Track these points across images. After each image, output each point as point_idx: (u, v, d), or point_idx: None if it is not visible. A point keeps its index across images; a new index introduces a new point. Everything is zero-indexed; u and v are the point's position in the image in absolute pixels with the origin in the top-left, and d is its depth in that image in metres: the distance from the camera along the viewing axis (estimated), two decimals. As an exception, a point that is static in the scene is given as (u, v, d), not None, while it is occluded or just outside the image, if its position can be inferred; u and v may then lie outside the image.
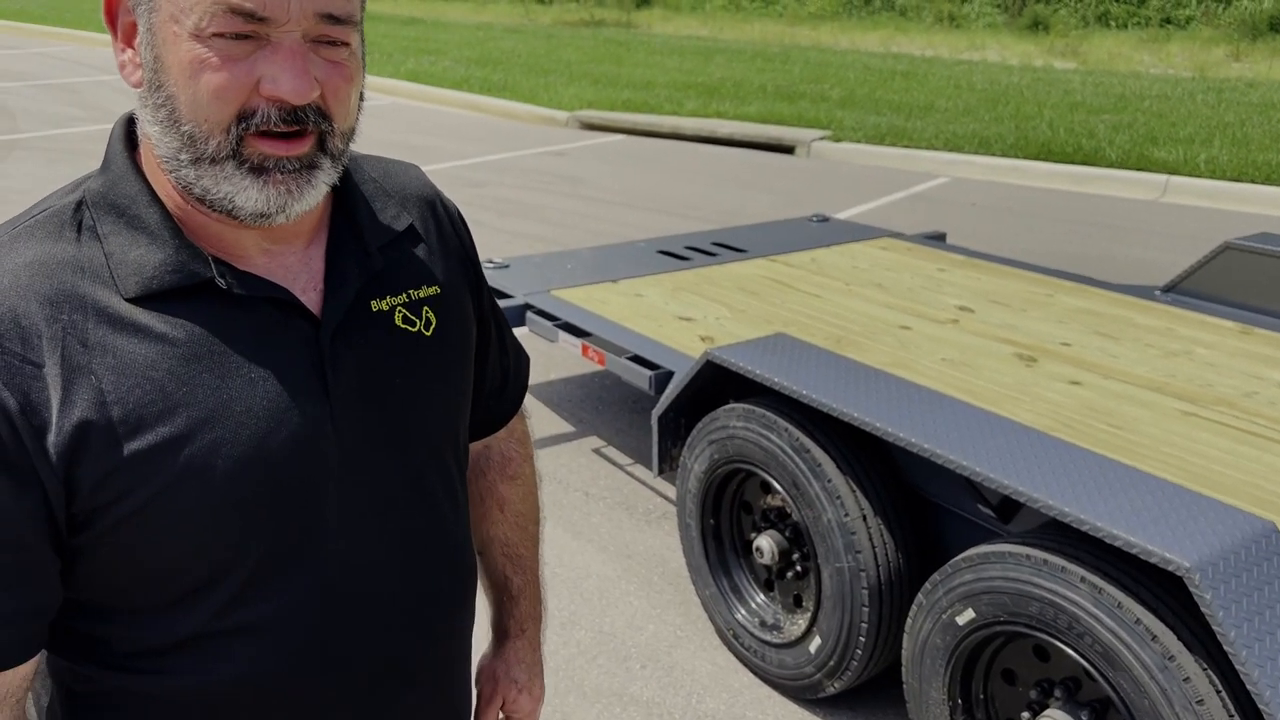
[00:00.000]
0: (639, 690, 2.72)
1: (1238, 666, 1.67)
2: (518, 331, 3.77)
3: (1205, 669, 1.75)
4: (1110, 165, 8.75)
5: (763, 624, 2.73)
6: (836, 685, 2.51)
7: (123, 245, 0.86)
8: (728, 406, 2.71)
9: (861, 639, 2.40)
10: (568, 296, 3.87)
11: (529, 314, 3.80)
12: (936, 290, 4.04)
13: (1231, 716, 1.72)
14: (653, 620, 3.01)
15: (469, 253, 1.11)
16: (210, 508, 0.86)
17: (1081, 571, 1.89)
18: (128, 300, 0.84)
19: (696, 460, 2.82)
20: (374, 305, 0.96)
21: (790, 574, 2.67)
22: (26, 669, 0.87)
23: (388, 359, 0.96)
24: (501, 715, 1.32)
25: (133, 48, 0.85)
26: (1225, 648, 1.68)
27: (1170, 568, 1.73)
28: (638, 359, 3.27)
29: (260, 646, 0.91)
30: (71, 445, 0.81)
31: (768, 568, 2.72)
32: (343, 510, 0.93)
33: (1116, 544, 1.81)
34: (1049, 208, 7.99)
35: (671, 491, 3.74)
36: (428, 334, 1.00)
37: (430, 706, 1.06)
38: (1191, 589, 1.71)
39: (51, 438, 0.80)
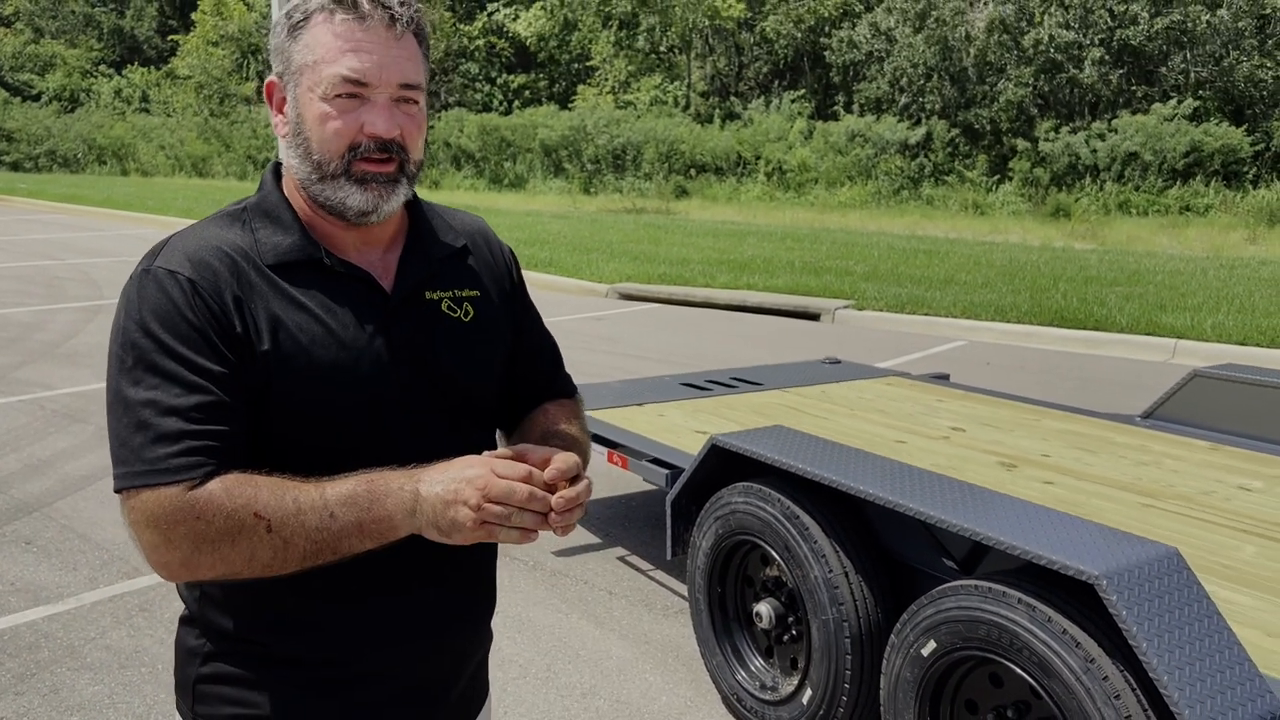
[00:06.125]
0: (650, 748, 2.99)
1: (1141, 658, 1.98)
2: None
3: (1120, 669, 2.06)
4: (1121, 330, 9.19)
5: (762, 685, 3.02)
6: (827, 734, 2.78)
7: (266, 234, 1.34)
8: (730, 486, 3.09)
9: (846, 685, 2.69)
10: (599, 415, 4.32)
11: (562, 429, 4.23)
12: (933, 415, 4.44)
13: (1144, 707, 2.01)
14: (665, 692, 3.29)
15: (513, 276, 1.56)
16: (323, 395, 1.28)
17: (1018, 594, 2.22)
18: (267, 267, 1.32)
19: (704, 537, 3.18)
20: (428, 294, 1.41)
21: (786, 638, 2.98)
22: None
23: (432, 331, 1.40)
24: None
25: (282, 113, 1.36)
26: (1130, 643, 2.00)
27: (1083, 577, 2.07)
28: (656, 461, 3.68)
29: None
30: (241, 341, 1.26)
31: (766, 632, 3.03)
32: (409, 424, 1.35)
33: (1041, 562, 2.16)
34: (1060, 367, 8.40)
35: (686, 590, 4.05)
36: (465, 320, 1.44)
37: (467, 591, 1.45)
38: (1100, 594, 2.04)
39: (233, 333, 1.26)
